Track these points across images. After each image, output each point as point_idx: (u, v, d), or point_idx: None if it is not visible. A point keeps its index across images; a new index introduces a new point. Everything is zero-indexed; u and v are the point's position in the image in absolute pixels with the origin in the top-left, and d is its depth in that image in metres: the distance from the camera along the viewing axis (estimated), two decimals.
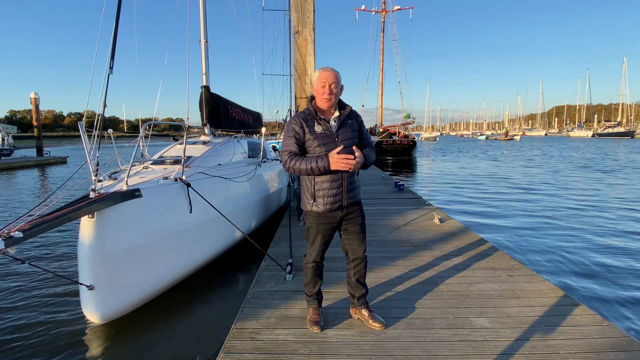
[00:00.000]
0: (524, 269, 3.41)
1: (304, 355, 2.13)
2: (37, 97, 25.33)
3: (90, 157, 3.17)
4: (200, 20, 6.55)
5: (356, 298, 2.47)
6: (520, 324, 2.42)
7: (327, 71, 2.23)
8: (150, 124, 4.11)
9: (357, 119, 2.38)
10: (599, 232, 6.50)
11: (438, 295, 2.90)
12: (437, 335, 2.31)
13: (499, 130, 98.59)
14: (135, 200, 3.09)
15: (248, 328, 2.42)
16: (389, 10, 31.31)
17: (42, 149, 27.10)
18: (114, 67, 3.96)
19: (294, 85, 12.11)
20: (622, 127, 71.21)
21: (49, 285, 4.17)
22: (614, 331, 2.32)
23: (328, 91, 2.21)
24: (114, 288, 3.03)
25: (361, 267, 2.44)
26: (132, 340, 3.06)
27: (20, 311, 3.61)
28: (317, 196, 2.27)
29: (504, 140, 63.01)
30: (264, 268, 3.51)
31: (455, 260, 3.68)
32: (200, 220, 3.83)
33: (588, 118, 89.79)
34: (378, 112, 32.52)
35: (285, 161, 2.22)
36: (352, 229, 2.38)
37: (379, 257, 3.74)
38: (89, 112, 4.02)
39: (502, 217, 7.79)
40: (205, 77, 6.58)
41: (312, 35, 8.42)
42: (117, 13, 4.09)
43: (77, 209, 2.64)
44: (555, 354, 2.10)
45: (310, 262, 2.43)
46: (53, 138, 62.81)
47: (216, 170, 4.48)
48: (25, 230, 2.30)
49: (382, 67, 31.78)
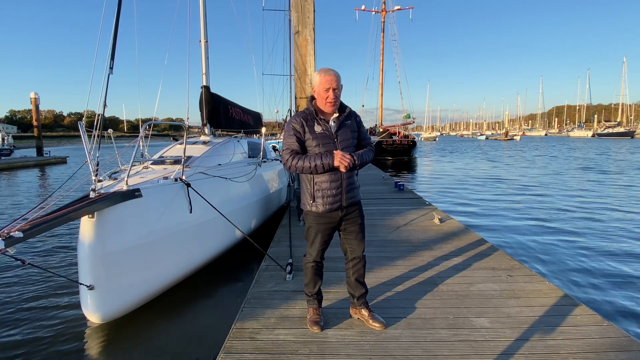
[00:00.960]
0: (524, 269, 3.41)
1: (304, 355, 2.13)
2: (37, 97, 25.35)
3: (90, 157, 3.17)
4: (200, 21, 6.55)
5: (356, 298, 2.47)
6: (520, 324, 2.42)
7: (330, 74, 2.21)
8: (150, 124, 4.11)
9: (356, 119, 2.38)
10: (600, 232, 6.50)
11: (438, 295, 2.90)
12: (437, 335, 2.31)
13: (499, 131, 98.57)
14: (135, 200, 3.09)
15: (248, 328, 2.42)
16: (389, 10, 31.32)
17: (42, 149, 27.11)
18: (114, 67, 3.97)
19: (294, 85, 12.11)
20: (622, 127, 71.16)
21: (49, 285, 4.17)
22: (614, 331, 2.32)
23: (333, 95, 2.20)
24: (114, 288, 3.03)
25: (360, 267, 2.45)
26: (132, 340, 3.06)
27: (20, 311, 3.61)
28: (316, 196, 2.27)
29: (503, 141, 63.00)
30: (264, 268, 3.51)
31: (455, 260, 3.68)
32: (200, 220, 3.83)
33: (588, 118, 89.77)
34: (378, 112, 32.54)
35: (286, 160, 2.21)
36: (352, 229, 2.39)
37: (379, 257, 3.74)
38: (89, 112, 4.02)
39: (502, 217, 7.79)
40: (205, 77, 6.59)
41: (312, 35, 8.43)
42: (117, 13, 4.10)
43: (77, 209, 2.64)
44: (555, 354, 2.10)
45: (310, 261, 2.43)
46: (53, 138, 62.84)
47: (216, 170, 4.48)
48: (25, 230, 2.30)
49: (382, 67, 31.79)
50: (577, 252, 5.43)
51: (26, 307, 3.70)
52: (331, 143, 2.22)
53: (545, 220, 7.48)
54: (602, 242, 5.93)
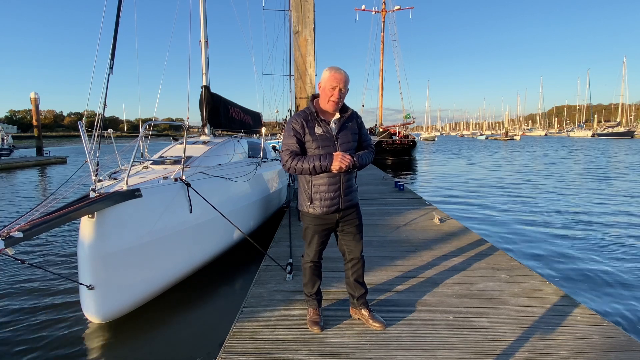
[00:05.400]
0: (524, 269, 3.41)
1: (304, 355, 2.13)
2: (37, 97, 25.33)
3: (90, 157, 3.17)
4: (200, 20, 6.55)
5: (356, 298, 2.47)
6: (520, 324, 2.42)
7: (340, 73, 2.19)
8: (150, 124, 4.11)
9: (357, 121, 2.36)
10: (600, 232, 6.50)
11: (438, 295, 2.90)
12: (437, 335, 2.31)
13: (499, 130, 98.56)
14: (135, 200, 3.09)
15: (248, 328, 2.42)
16: (389, 10, 31.31)
17: (42, 148, 27.09)
18: (114, 67, 3.97)
19: (294, 85, 12.12)
20: (622, 127, 71.14)
21: (49, 285, 4.17)
22: (614, 331, 2.32)
23: (338, 95, 2.18)
24: (114, 288, 3.03)
25: (359, 267, 2.44)
26: (132, 340, 3.06)
27: (20, 311, 3.61)
28: (314, 198, 2.26)
29: (503, 140, 62.99)
30: (264, 268, 3.51)
31: (455, 260, 3.68)
32: (200, 220, 3.83)
33: (588, 118, 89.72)
34: (378, 112, 32.51)
35: (285, 161, 2.19)
36: (349, 230, 2.38)
37: (379, 257, 3.74)
38: (89, 112, 4.03)
39: (503, 217, 7.79)
40: (205, 77, 6.59)
41: (312, 35, 8.43)
42: (117, 13, 4.10)
43: (77, 209, 2.64)
44: (555, 354, 2.10)
45: (308, 262, 2.43)
46: (53, 138, 62.82)
47: (216, 170, 4.48)
48: (25, 230, 2.30)
49: (382, 67, 31.77)
50: (578, 252, 5.43)
51: (26, 307, 3.70)
52: (331, 145, 2.20)
53: (545, 220, 7.48)
54: (602, 242, 5.93)
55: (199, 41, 6.60)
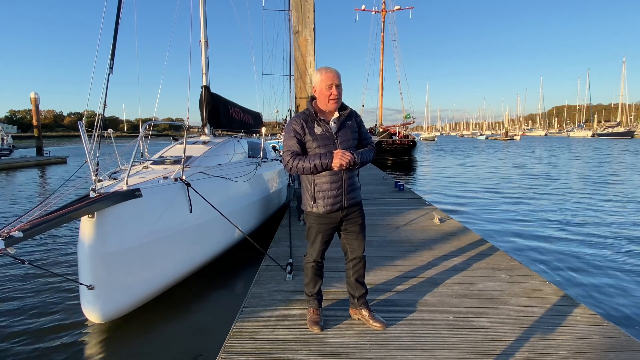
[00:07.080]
0: (524, 269, 3.41)
1: (304, 355, 2.13)
2: (37, 97, 25.34)
3: (90, 157, 3.17)
4: (201, 20, 6.56)
5: (356, 298, 2.47)
6: (520, 324, 2.42)
7: (331, 71, 2.20)
8: (150, 124, 4.11)
9: (356, 119, 2.37)
10: (600, 232, 6.50)
11: (438, 295, 2.90)
12: (437, 335, 2.31)
13: (499, 130, 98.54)
14: (135, 200, 3.09)
15: (248, 328, 2.42)
16: (389, 10, 31.30)
17: (42, 148, 27.11)
18: (114, 67, 3.97)
19: (294, 85, 12.12)
20: (621, 127, 71.15)
21: (49, 285, 4.17)
22: (614, 331, 2.32)
23: (336, 92, 2.19)
24: (114, 288, 3.03)
25: (360, 267, 2.44)
26: (132, 340, 3.06)
27: (20, 311, 3.61)
28: (317, 197, 2.27)
29: (503, 141, 62.99)
30: (264, 268, 3.51)
31: (455, 260, 3.68)
32: (200, 220, 3.83)
33: (588, 118, 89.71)
34: (378, 112, 32.51)
35: (287, 161, 2.20)
36: (352, 229, 2.38)
37: (379, 257, 3.74)
38: (89, 112, 4.03)
39: (502, 217, 7.79)
40: (205, 77, 6.59)
41: (312, 35, 8.43)
42: (117, 13, 4.10)
43: (77, 209, 2.64)
44: (555, 354, 2.10)
45: (310, 262, 2.43)
46: (53, 138, 62.81)
47: (216, 170, 4.48)
48: (25, 230, 2.30)
49: (382, 67, 31.77)
50: (578, 252, 5.43)
51: (26, 307, 3.70)
52: (331, 144, 2.21)
53: (545, 220, 7.48)
54: (602, 242, 5.93)
55: (199, 41, 6.60)
